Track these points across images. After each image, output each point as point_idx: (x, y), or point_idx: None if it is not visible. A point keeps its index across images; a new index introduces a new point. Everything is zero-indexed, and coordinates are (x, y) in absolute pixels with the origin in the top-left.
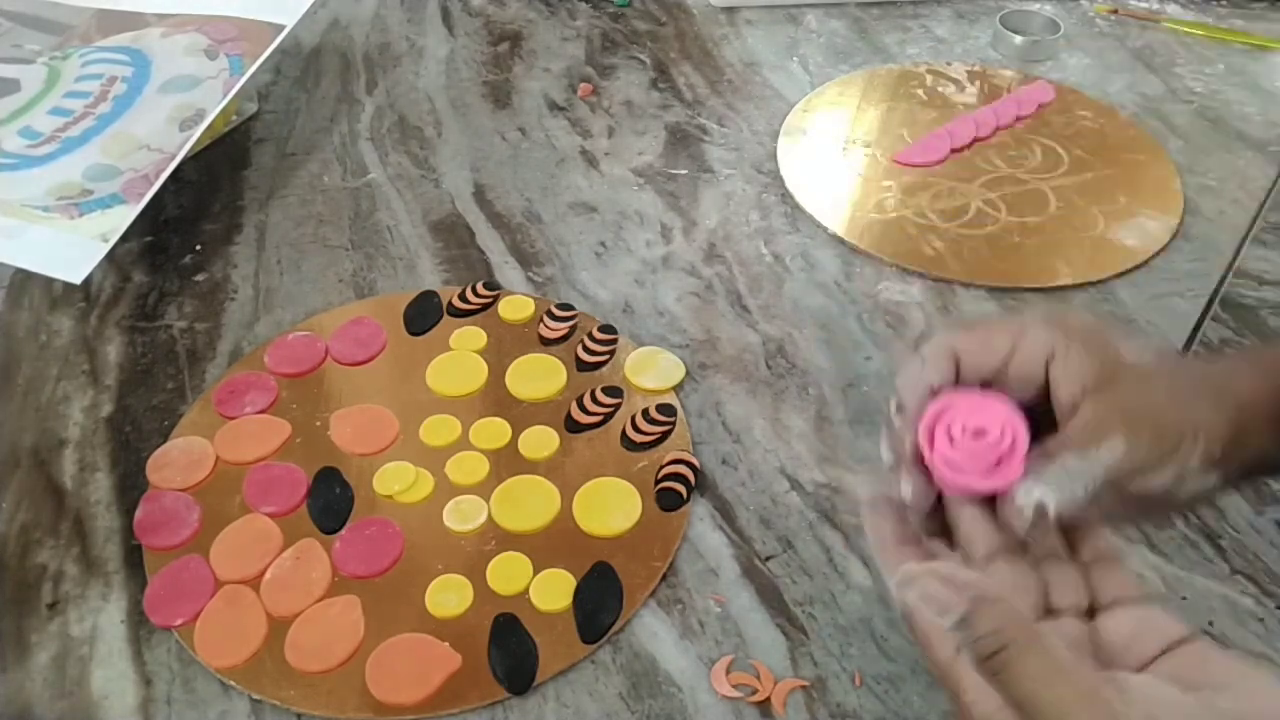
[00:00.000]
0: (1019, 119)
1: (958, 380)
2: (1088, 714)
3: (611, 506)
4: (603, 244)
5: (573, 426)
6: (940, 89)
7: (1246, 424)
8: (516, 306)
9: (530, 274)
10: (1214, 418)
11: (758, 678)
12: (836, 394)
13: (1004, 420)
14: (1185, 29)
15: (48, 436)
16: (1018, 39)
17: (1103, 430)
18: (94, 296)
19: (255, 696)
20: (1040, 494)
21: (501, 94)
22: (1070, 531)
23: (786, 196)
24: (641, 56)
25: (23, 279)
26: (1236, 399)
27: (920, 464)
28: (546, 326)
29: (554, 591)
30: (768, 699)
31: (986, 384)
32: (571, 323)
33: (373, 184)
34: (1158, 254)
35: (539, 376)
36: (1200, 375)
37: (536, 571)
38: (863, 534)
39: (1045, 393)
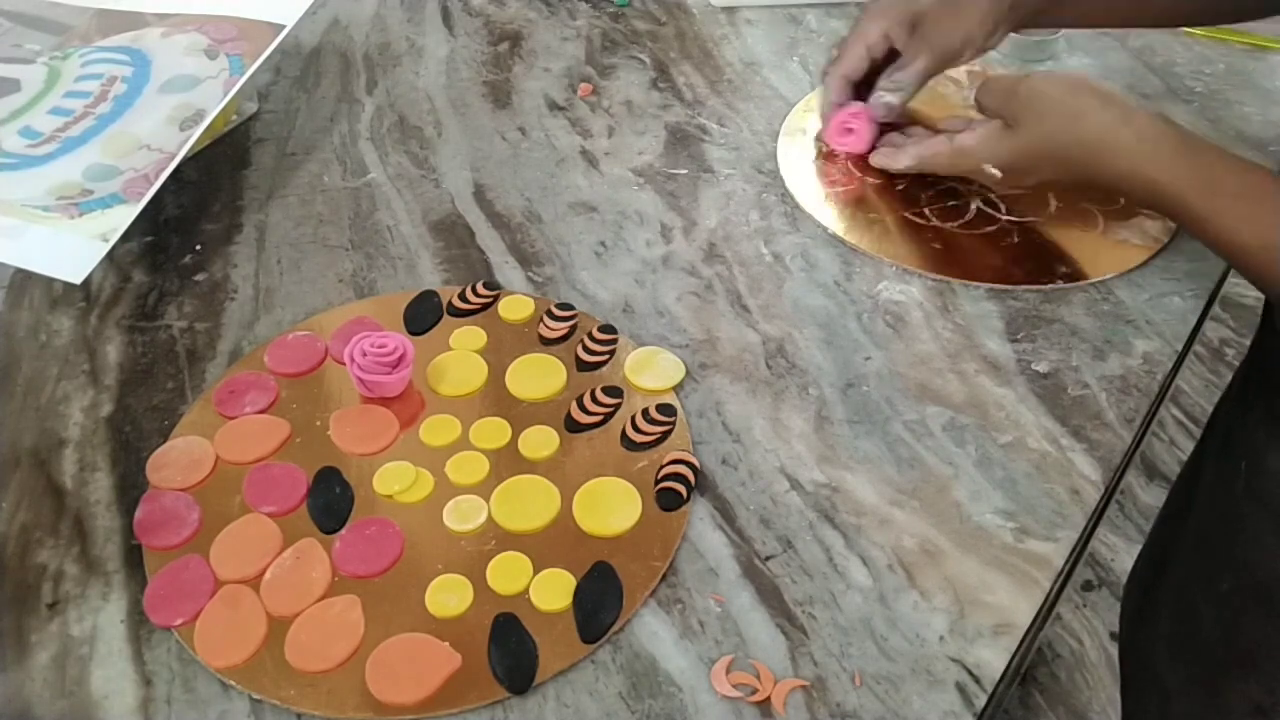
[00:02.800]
0: None
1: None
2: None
3: (611, 506)
4: (603, 244)
5: (573, 426)
6: (940, 89)
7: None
8: (516, 306)
9: (530, 274)
10: (982, 23)
11: (758, 678)
12: (836, 394)
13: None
14: (1185, 29)
15: (48, 436)
16: (1018, 39)
17: (911, 56)
18: (94, 296)
19: (255, 696)
20: (887, 99)
21: (501, 94)
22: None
23: (786, 196)
24: (641, 56)
25: (23, 279)
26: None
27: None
28: (546, 326)
29: (554, 591)
30: (768, 699)
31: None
32: (571, 323)
33: (373, 184)
34: (1158, 254)
35: (539, 376)
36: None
37: (536, 571)
38: (862, 534)
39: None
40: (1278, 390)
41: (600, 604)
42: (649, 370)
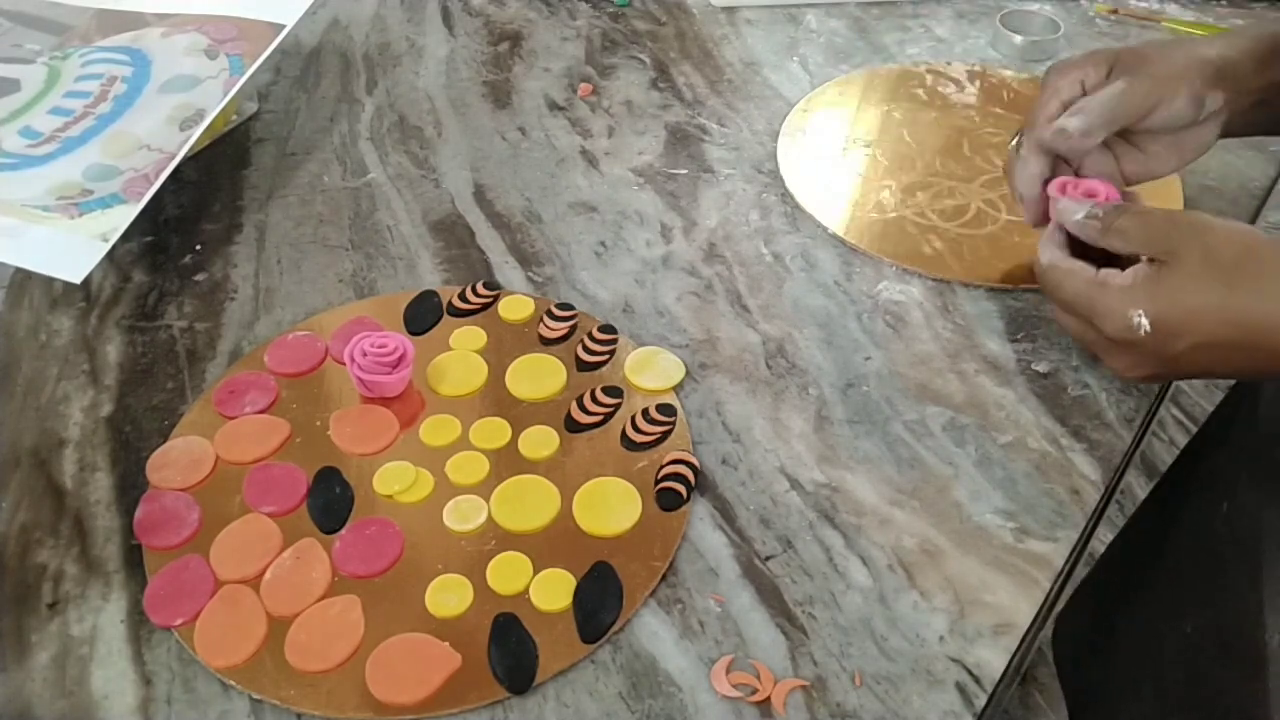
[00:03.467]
0: None
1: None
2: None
3: (611, 506)
4: (603, 244)
5: (573, 426)
6: (940, 89)
7: (1231, 69)
8: (516, 306)
9: (530, 274)
10: (1196, 60)
11: (758, 677)
12: (836, 394)
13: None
14: (1185, 29)
15: (48, 436)
16: (1018, 39)
17: (1110, 81)
18: (94, 296)
19: (255, 696)
20: (1063, 120)
21: (501, 94)
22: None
23: (786, 196)
24: (641, 56)
25: (23, 279)
26: (1223, 54)
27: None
28: (546, 326)
29: (554, 591)
30: (768, 699)
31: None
32: (571, 322)
33: (373, 184)
34: None
35: (539, 376)
36: (1190, 45)
37: (536, 571)
38: (862, 534)
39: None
40: (1266, 434)
41: (600, 604)
42: (649, 370)
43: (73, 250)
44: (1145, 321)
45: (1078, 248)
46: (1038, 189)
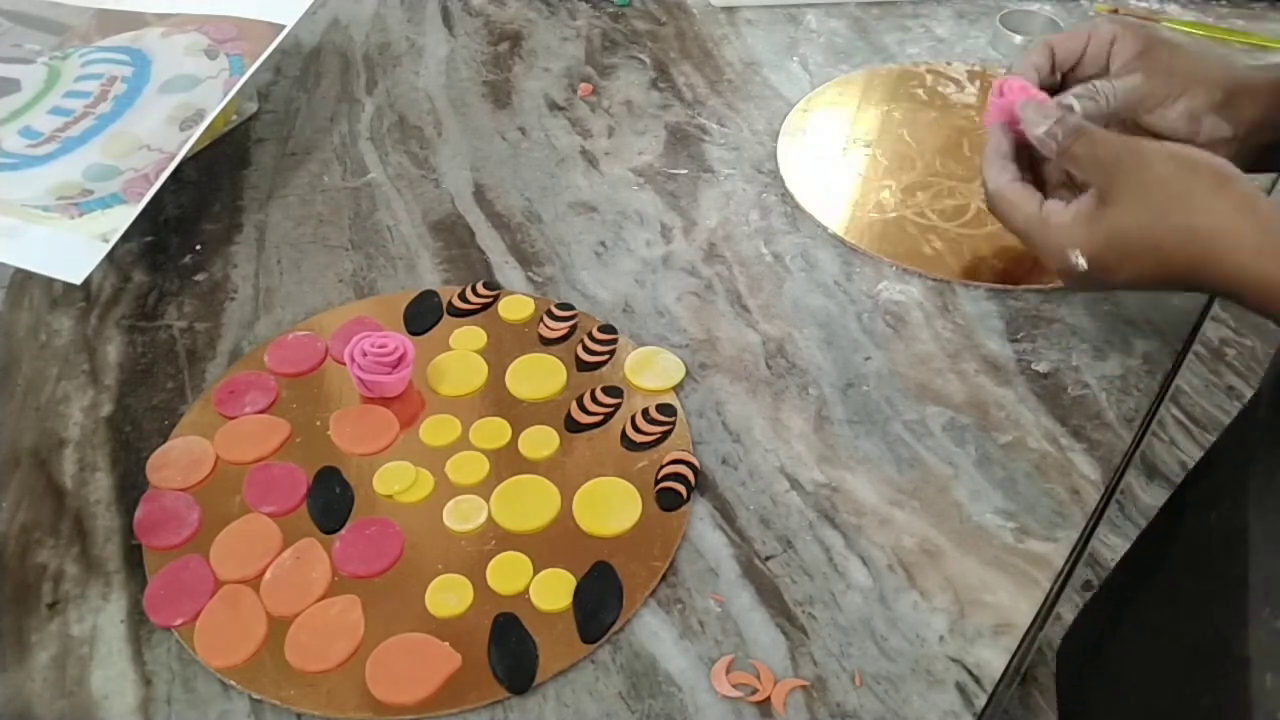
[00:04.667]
0: None
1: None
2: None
3: (611, 506)
4: (603, 244)
5: (573, 426)
6: (940, 89)
7: (1250, 89)
8: (516, 306)
9: (530, 274)
10: (1219, 74)
11: (758, 677)
12: (836, 394)
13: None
14: (1185, 29)
15: (48, 436)
16: (1018, 39)
17: (1127, 70)
18: (94, 296)
19: (255, 696)
20: (1072, 101)
21: (501, 94)
22: None
23: (786, 196)
24: (641, 56)
25: (23, 279)
26: (1243, 74)
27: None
28: (546, 326)
29: (554, 591)
30: (768, 699)
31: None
32: (571, 323)
33: (373, 184)
34: None
35: (539, 376)
36: (1216, 54)
37: (536, 571)
38: (862, 534)
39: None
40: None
41: (600, 604)
42: (649, 370)
43: (73, 250)
44: (1082, 260)
45: (1027, 156)
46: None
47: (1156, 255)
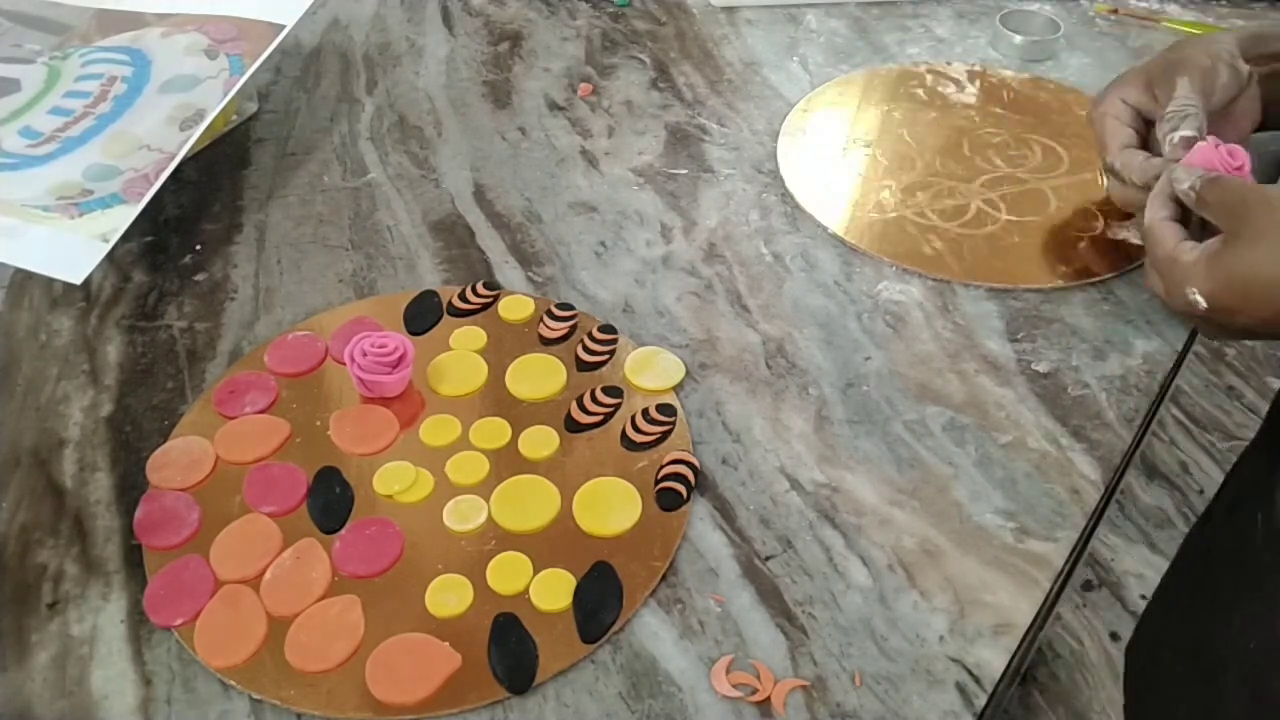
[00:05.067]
0: None
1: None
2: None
3: (611, 506)
4: (603, 244)
5: (573, 426)
6: (940, 89)
7: (1251, 40)
8: (516, 306)
9: (530, 274)
10: (1217, 36)
11: (758, 677)
12: (836, 394)
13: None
14: (1185, 29)
15: (48, 436)
16: (1018, 39)
17: (1162, 92)
18: (94, 296)
19: (255, 696)
20: (1180, 132)
21: (501, 94)
22: None
23: (786, 196)
24: (641, 56)
25: (23, 279)
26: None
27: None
28: (546, 326)
29: (554, 591)
30: (768, 699)
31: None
32: (571, 322)
33: (373, 184)
34: None
35: (539, 376)
36: (1205, 38)
37: (536, 571)
38: (862, 534)
39: None
40: None
41: (600, 604)
42: (649, 370)
43: (73, 250)
44: (1200, 299)
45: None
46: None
47: (1273, 299)
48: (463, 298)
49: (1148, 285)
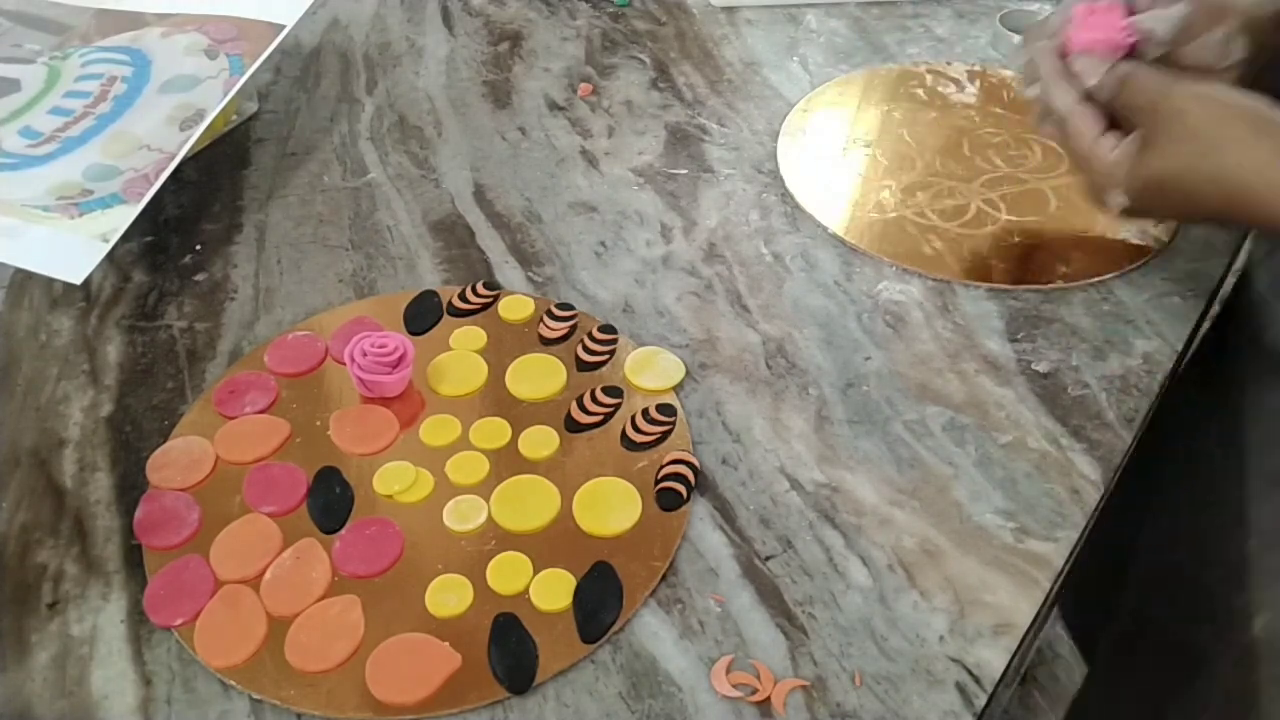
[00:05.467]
0: None
1: None
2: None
3: (611, 506)
4: (603, 244)
5: (573, 426)
6: (940, 89)
7: (1261, 23)
8: (516, 306)
9: (530, 274)
10: (1238, 8)
11: (758, 677)
12: (836, 394)
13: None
14: None
15: (48, 436)
16: (1017, 39)
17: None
18: (94, 296)
19: (255, 696)
20: (1140, 23)
21: (501, 94)
22: None
23: (786, 196)
24: (641, 56)
25: (23, 279)
26: (1260, 4)
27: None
28: (546, 326)
29: (554, 591)
30: (768, 699)
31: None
32: (571, 322)
33: (373, 184)
34: (1158, 254)
35: (539, 376)
36: None
37: (536, 571)
38: (862, 534)
39: None
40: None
41: (600, 604)
42: (649, 370)
43: (73, 250)
44: (1123, 199)
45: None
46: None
47: (1192, 200)
48: (463, 298)
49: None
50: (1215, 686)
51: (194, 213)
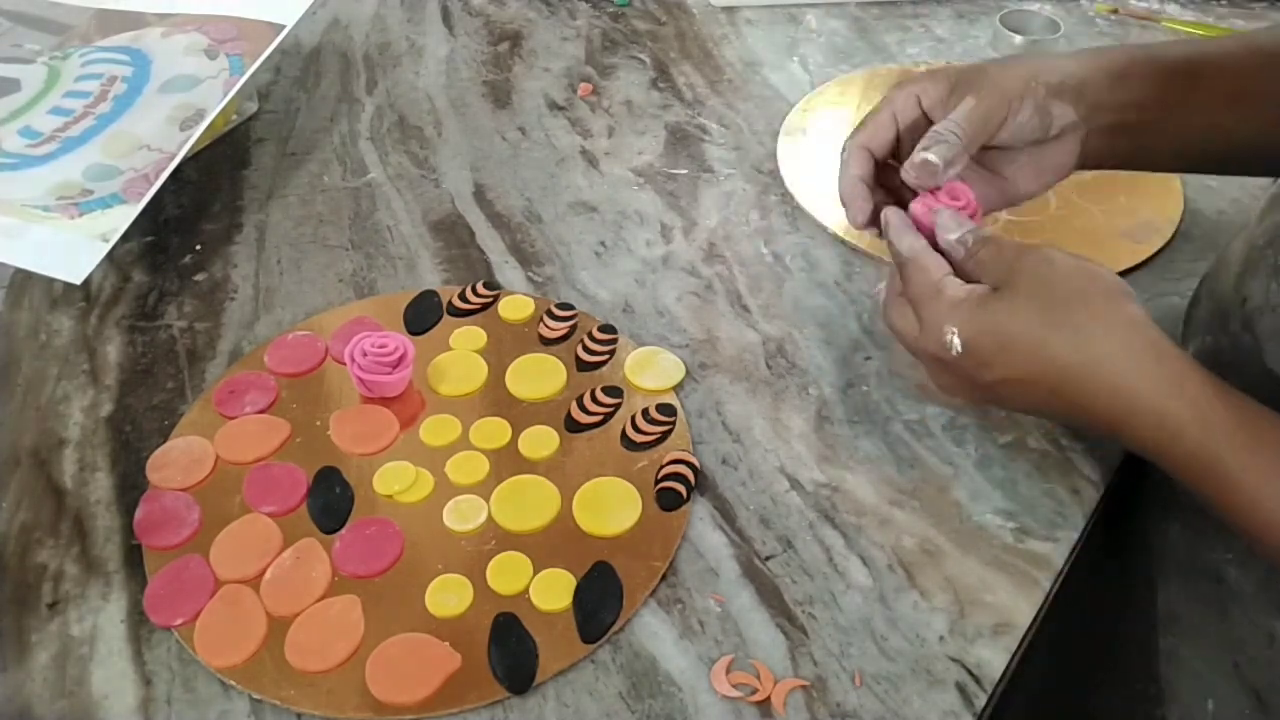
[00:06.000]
0: None
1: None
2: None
3: (611, 506)
4: (603, 244)
5: (573, 426)
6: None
7: (1083, 70)
8: (516, 306)
9: (530, 274)
10: (1048, 63)
11: (758, 677)
12: (836, 394)
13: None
14: (1185, 29)
15: (48, 436)
16: (1018, 39)
17: (957, 100)
18: (94, 296)
19: (255, 696)
20: (925, 154)
21: (501, 94)
22: None
23: (786, 196)
24: (641, 56)
25: (23, 279)
26: (1070, 60)
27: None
28: (546, 326)
29: (554, 591)
30: (768, 699)
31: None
32: (571, 322)
33: (373, 184)
34: (1158, 254)
35: (539, 376)
36: (1032, 59)
37: (536, 571)
38: (862, 534)
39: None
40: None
41: (600, 604)
42: (649, 370)
43: (73, 250)
44: (958, 341)
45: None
46: (859, 189)
47: (1037, 356)
48: (463, 298)
49: (885, 319)
50: None
51: (194, 213)
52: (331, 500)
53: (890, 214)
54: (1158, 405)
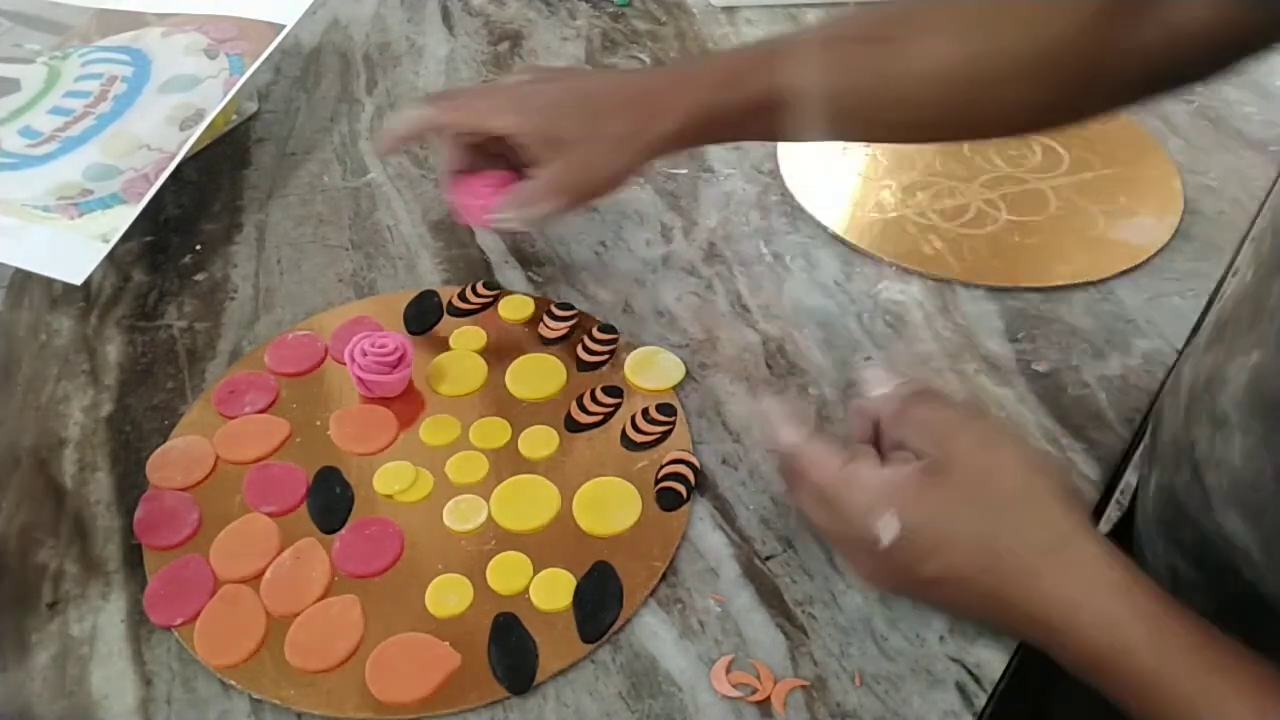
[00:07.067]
0: None
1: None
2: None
3: (611, 506)
4: (602, 244)
5: (573, 426)
6: None
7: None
8: (516, 306)
9: (530, 274)
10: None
11: (758, 677)
12: (836, 394)
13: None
14: None
15: (48, 436)
16: None
17: (543, 189)
18: (94, 296)
19: (255, 696)
20: (503, 218)
21: None
22: None
23: (786, 196)
24: (641, 56)
25: (23, 279)
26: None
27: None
28: (546, 326)
29: (554, 591)
30: (768, 699)
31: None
32: (571, 322)
33: (373, 184)
34: (1158, 254)
35: (539, 376)
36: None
37: (536, 571)
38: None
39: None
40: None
41: (600, 604)
42: (649, 370)
43: (73, 250)
44: (890, 533)
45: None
46: (396, 147)
47: (983, 553)
48: (463, 298)
49: (795, 505)
50: None
51: (194, 213)
52: (331, 500)
53: (769, 406)
54: (1108, 615)
